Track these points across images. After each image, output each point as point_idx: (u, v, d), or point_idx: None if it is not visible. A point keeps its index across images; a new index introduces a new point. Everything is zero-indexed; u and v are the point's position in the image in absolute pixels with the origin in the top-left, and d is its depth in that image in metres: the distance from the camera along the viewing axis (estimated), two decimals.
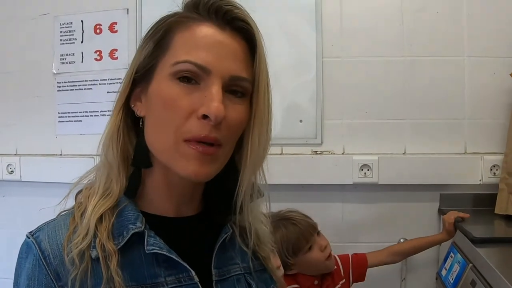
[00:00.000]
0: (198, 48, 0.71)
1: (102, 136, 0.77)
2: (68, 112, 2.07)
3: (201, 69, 0.70)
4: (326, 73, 1.93)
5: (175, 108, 0.70)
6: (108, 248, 0.71)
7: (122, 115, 0.77)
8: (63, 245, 0.71)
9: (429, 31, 1.91)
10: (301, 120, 1.94)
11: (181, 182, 0.77)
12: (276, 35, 1.92)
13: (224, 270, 0.81)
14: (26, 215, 2.11)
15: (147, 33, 0.77)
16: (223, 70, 0.71)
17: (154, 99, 0.73)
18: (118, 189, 0.76)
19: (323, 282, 1.65)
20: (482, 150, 1.90)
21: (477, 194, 1.90)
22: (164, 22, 0.75)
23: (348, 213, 1.96)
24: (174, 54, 0.72)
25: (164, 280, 0.74)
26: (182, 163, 0.71)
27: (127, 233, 0.73)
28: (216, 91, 0.69)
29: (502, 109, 1.88)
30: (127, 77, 0.77)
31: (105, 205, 0.74)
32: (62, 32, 2.06)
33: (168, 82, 0.71)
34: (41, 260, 0.71)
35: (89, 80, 2.04)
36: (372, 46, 1.92)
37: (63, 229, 0.74)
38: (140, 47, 0.77)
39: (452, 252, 1.60)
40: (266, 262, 0.90)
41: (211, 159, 0.72)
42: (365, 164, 1.89)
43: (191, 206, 0.82)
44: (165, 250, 0.74)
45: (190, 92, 0.71)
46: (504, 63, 1.86)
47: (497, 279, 1.15)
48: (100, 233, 0.72)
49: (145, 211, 0.78)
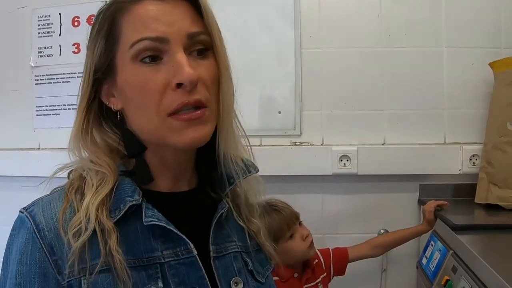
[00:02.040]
0: (146, 24, 0.71)
1: (69, 140, 0.78)
2: (46, 106, 2.04)
3: (158, 41, 0.70)
4: (304, 64, 1.92)
5: (149, 90, 0.70)
6: (108, 225, 0.70)
7: (86, 115, 0.77)
8: (58, 218, 0.71)
9: (407, 22, 1.91)
10: (280, 112, 1.93)
11: (174, 155, 0.78)
12: (254, 27, 1.91)
13: (222, 247, 0.80)
14: (3, 210, 2.08)
15: (92, 30, 0.76)
16: (178, 33, 0.71)
17: (126, 89, 0.74)
18: (112, 175, 0.75)
19: (303, 275, 1.64)
20: (462, 140, 1.90)
21: (457, 184, 1.90)
22: (106, 14, 0.75)
23: (328, 204, 1.95)
24: (127, 39, 0.72)
25: (161, 254, 0.73)
26: (175, 137, 0.71)
27: (124, 206, 0.72)
28: (180, 57, 0.70)
29: (481, 99, 1.88)
30: (86, 79, 0.76)
31: (103, 191, 0.73)
32: (39, 25, 2.04)
33: (133, 67, 0.72)
34: (35, 233, 0.70)
35: (67, 73, 2.02)
36: (350, 37, 1.92)
37: (58, 203, 0.73)
38: (90, 47, 0.76)
39: (432, 241, 1.60)
40: (257, 236, 0.89)
41: (202, 121, 0.72)
42: (345, 154, 1.88)
43: (186, 181, 0.82)
44: (163, 222, 0.73)
45: (157, 70, 0.71)
46: (483, 53, 1.87)
47: (478, 263, 1.15)
48: (99, 212, 0.71)
49: (141, 187, 0.77)
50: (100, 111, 0.79)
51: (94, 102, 0.78)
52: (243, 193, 0.89)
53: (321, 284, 1.66)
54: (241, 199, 0.89)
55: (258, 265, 0.87)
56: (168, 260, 0.73)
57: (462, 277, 1.23)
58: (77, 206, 0.72)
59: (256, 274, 0.85)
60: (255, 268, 0.85)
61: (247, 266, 0.84)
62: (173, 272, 0.73)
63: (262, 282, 0.86)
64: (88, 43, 0.77)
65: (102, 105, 0.79)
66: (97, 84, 0.77)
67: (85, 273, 0.68)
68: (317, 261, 1.69)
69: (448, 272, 1.35)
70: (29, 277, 0.69)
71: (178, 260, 0.74)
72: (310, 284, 1.65)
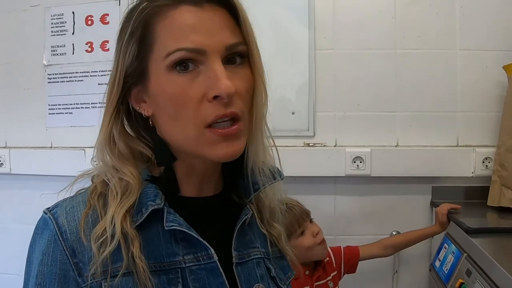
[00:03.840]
0: (184, 33, 0.69)
1: (96, 144, 0.76)
2: (58, 104, 2.05)
3: (195, 53, 0.68)
4: (318, 66, 1.92)
5: (185, 100, 0.69)
6: (131, 233, 0.69)
7: (115, 121, 0.75)
8: (80, 222, 0.71)
9: (422, 24, 1.91)
10: (294, 112, 1.93)
11: (203, 164, 0.77)
12: (268, 28, 1.90)
13: (244, 253, 0.80)
14: (15, 208, 2.09)
15: (124, 33, 0.73)
16: (216, 44, 0.69)
17: (160, 97, 0.72)
18: (137, 184, 0.74)
19: (315, 272, 1.65)
20: (475, 142, 1.90)
21: (469, 187, 1.90)
22: (140, 17, 0.72)
23: (340, 205, 1.95)
24: (162, 47, 0.70)
25: (182, 258, 0.73)
26: (210, 150, 0.71)
27: (146, 210, 0.72)
28: (218, 68, 0.68)
29: (494, 101, 1.88)
30: (116, 82, 0.74)
31: (128, 202, 0.72)
32: (53, 24, 2.04)
33: (168, 76, 0.69)
34: (57, 235, 0.70)
35: (80, 72, 2.03)
36: (364, 39, 1.92)
37: (81, 206, 0.73)
38: (122, 50, 0.73)
39: (445, 243, 1.60)
40: (278, 241, 0.89)
41: (236, 136, 0.71)
42: (358, 156, 1.88)
43: (211, 186, 0.81)
44: (184, 227, 0.72)
45: (193, 79, 0.69)
46: (497, 56, 1.87)
47: (493, 267, 1.15)
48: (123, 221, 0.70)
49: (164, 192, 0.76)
50: (128, 115, 0.78)
51: (123, 105, 0.76)
52: (267, 198, 0.88)
53: (331, 282, 1.67)
54: (264, 204, 0.88)
55: (280, 272, 0.87)
56: (189, 265, 0.73)
57: (476, 280, 1.23)
58: (100, 211, 0.72)
59: (279, 280, 0.85)
60: (278, 275, 0.85)
61: (269, 273, 0.83)
62: (194, 277, 0.72)
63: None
64: (119, 45, 0.74)
65: (129, 108, 0.78)
66: (127, 87, 0.75)
67: (106, 276, 0.68)
68: (328, 259, 1.70)
69: (462, 275, 1.35)
70: (49, 278, 0.69)
71: (199, 265, 0.73)
72: (321, 281, 1.66)
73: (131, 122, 0.79)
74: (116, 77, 0.74)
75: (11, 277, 1.91)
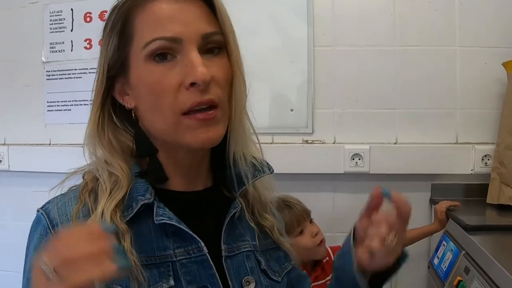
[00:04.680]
0: (161, 23, 0.71)
1: (85, 137, 0.77)
2: (57, 101, 2.05)
3: (172, 41, 0.70)
4: (317, 62, 1.92)
5: (163, 89, 0.70)
6: (122, 227, 0.70)
7: (101, 113, 0.77)
8: (72, 217, 0.72)
9: (421, 21, 1.90)
10: (292, 109, 1.93)
11: (186, 156, 0.78)
12: (266, 25, 1.90)
13: (234, 246, 0.80)
14: (14, 205, 2.09)
15: (105, 28, 0.76)
16: (192, 33, 0.71)
17: (139, 88, 0.74)
18: (126, 179, 0.75)
19: (313, 273, 1.64)
20: (474, 139, 1.89)
21: (468, 184, 1.89)
22: (120, 11, 0.74)
23: (339, 202, 1.95)
24: (141, 38, 0.71)
25: (173, 252, 0.74)
26: (189, 136, 0.72)
27: (136, 205, 0.72)
28: (194, 56, 0.70)
29: (493, 98, 1.87)
30: (99, 77, 0.76)
31: (117, 196, 0.73)
32: (51, 21, 2.04)
33: (146, 66, 0.71)
34: (49, 228, 0.72)
35: (78, 68, 2.02)
36: (363, 36, 1.91)
37: (73, 202, 0.74)
38: (104, 43, 0.76)
39: (444, 241, 1.60)
40: (272, 233, 0.89)
41: (215, 121, 0.72)
42: (357, 153, 1.88)
43: (201, 180, 0.83)
44: (174, 221, 0.73)
45: (170, 68, 0.71)
46: (496, 53, 1.86)
47: (491, 265, 1.15)
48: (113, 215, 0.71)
49: (155, 186, 0.77)
50: (114, 109, 0.80)
51: (108, 99, 0.78)
52: (256, 191, 0.88)
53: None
54: (254, 197, 0.87)
55: (274, 264, 0.87)
56: (180, 259, 0.74)
57: (475, 278, 1.22)
58: (91, 206, 0.73)
59: (271, 273, 0.85)
60: (271, 267, 0.85)
61: (260, 265, 0.83)
62: (185, 270, 0.73)
63: (278, 280, 0.85)
64: (102, 40, 0.76)
65: (115, 102, 0.79)
66: (111, 81, 0.77)
67: None
68: (328, 259, 1.69)
69: (460, 272, 1.34)
70: None
71: (190, 259, 0.74)
72: (320, 282, 1.65)
73: (118, 116, 0.81)
74: (99, 70, 0.76)
75: (9, 274, 1.90)
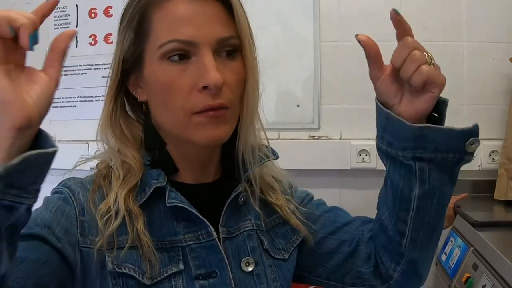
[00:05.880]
0: (177, 25, 0.72)
1: (98, 127, 0.80)
2: (62, 97, 2.03)
3: (187, 44, 0.72)
4: (323, 58, 1.91)
5: (175, 89, 0.72)
6: (135, 210, 0.73)
7: (114, 104, 0.79)
8: (89, 196, 0.75)
9: (428, 16, 1.88)
10: (298, 105, 1.92)
11: (194, 151, 0.80)
12: (273, 20, 1.89)
13: (234, 228, 0.82)
14: None
15: (122, 21, 0.78)
16: (207, 37, 0.72)
17: (152, 84, 0.75)
18: (138, 167, 0.77)
19: None
20: (481, 135, 1.81)
21: (476, 180, 1.88)
22: (137, 7, 0.76)
23: (345, 199, 1.94)
24: (157, 37, 0.73)
25: (183, 237, 0.76)
26: (197, 132, 0.74)
27: (149, 188, 0.75)
28: (208, 60, 0.71)
29: (501, 94, 1.86)
30: (114, 69, 0.78)
31: (130, 183, 0.76)
32: (56, 17, 2.03)
33: (160, 65, 0.73)
34: (69, 196, 0.75)
35: (83, 65, 2.01)
36: (370, 31, 1.83)
37: (90, 183, 0.78)
38: (120, 37, 0.78)
39: (452, 237, 1.59)
40: (282, 211, 0.89)
41: (223, 121, 0.74)
42: (363, 149, 1.87)
43: (209, 173, 0.85)
44: (185, 204, 0.75)
45: (184, 69, 0.72)
46: (504, 48, 1.84)
47: (500, 261, 1.14)
48: (126, 199, 0.74)
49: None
50: (127, 100, 0.83)
51: (122, 90, 0.81)
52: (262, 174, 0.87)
53: None
54: (263, 179, 0.87)
55: (280, 241, 0.87)
56: (190, 244, 0.76)
57: (483, 274, 1.21)
58: (105, 190, 0.76)
59: (275, 252, 0.85)
60: (275, 245, 0.86)
61: (262, 245, 0.84)
62: (194, 255, 0.76)
63: (284, 258, 0.86)
64: (119, 32, 0.79)
65: (128, 94, 0.82)
66: (125, 73, 0.79)
67: (112, 247, 0.72)
68: None
69: (468, 269, 1.34)
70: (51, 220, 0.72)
71: (199, 244, 0.76)
72: None
73: (131, 107, 0.84)
74: (114, 62, 0.78)
75: None
